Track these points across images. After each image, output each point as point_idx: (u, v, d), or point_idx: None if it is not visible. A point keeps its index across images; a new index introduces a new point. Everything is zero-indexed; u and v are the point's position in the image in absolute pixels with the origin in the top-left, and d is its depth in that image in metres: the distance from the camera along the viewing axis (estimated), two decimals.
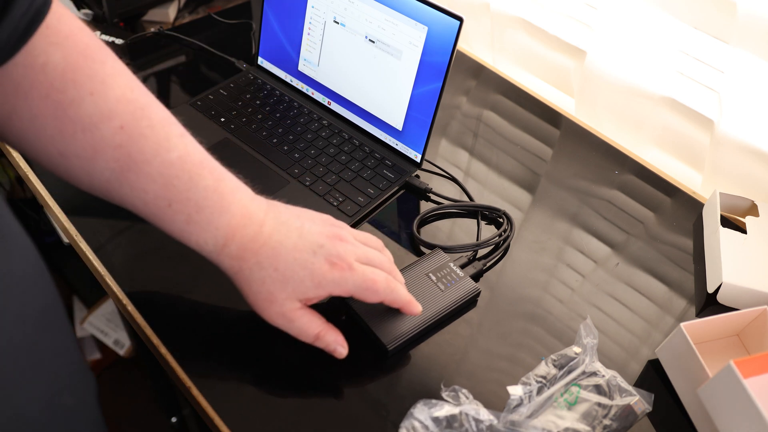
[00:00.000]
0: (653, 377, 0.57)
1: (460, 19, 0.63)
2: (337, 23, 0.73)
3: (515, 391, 0.51)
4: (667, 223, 0.72)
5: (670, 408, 0.55)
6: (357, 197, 0.69)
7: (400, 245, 0.66)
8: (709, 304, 0.63)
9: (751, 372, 0.47)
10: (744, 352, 0.59)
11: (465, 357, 0.57)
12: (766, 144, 0.69)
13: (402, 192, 0.72)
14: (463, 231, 0.68)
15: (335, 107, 0.78)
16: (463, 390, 0.50)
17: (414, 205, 0.71)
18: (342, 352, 0.52)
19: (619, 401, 0.51)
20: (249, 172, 0.69)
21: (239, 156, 0.72)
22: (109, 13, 0.91)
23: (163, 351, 0.54)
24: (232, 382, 0.53)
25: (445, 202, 0.71)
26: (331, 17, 0.73)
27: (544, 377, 0.53)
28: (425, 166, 0.75)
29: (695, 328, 0.55)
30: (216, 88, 0.80)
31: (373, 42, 0.70)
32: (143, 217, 0.49)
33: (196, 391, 0.52)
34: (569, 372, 0.53)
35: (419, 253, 0.65)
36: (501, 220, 0.69)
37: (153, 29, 0.92)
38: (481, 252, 0.65)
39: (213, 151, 0.50)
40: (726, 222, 0.69)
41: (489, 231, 0.68)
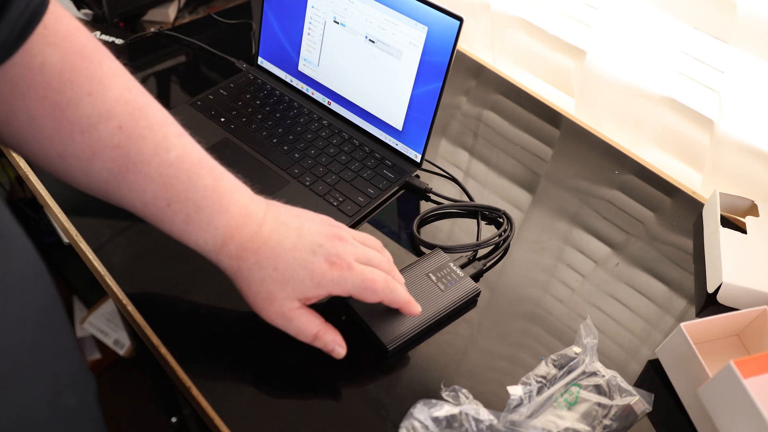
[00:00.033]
0: (653, 377, 0.57)
1: (460, 19, 0.63)
2: (337, 23, 0.73)
3: (515, 391, 0.51)
4: (667, 223, 0.72)
5: (670, 408, 0.55)
6: (357, 197, 0.69)
7: (400, 245, 0.66)
8: (709, 304, 0.63)
9: (751, 372, 0.47)
10: (744, 352, 0.59)
11: (465, 357, 0.57)
12: (766, 144, 0.69)
13: (402, 192, 0.72)
14: (463, 231, 0.68)
15: (335, 107, 0.78)
16: (463, 390, 0.50)
17: (414, 205, 0.71)
18: (340, 352, 0.51)
19: (619, 401, 0.52)
20: (249, 172, 0.69)
21: (239, 156, 0.72)
22: (109, 13, 0.91)
23: (163, 351, 0.54)
24: (232, 382, 0.53)
25: (445, 202, 0.71)
26: (331, 17, 0.73)
27: (544, 377, 0.53)
28: (425, 166, 0.75)
29: (695, 328, 0.55)
30: (216, 88, 0.80)
31: (373, 42, 0.70)
32: (142, 218, 0.49)
33: (196, 391, 0.52)
34: (569, 372, 0.53)
35: (419, 253, 0.65)
36: (501, 220, 0.69)
37: (153, 29, 0.92)
38: (481, 252, 0.65)
39: (213, 151, 0.50)
40: (726, 222, 0.69)
41: (489, 231, 0.68)
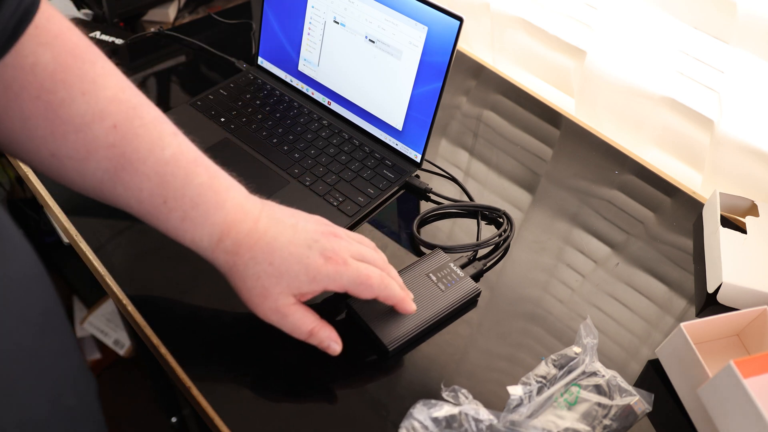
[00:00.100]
0: (653, 377, 0.57)
1: (460, 19, 0.63)
2: (337, 23, 0.73)
3: (515, 391, 0.51)
4: (667, 223, 0.72)
5: (670, 408, 0.55)
6: (357, 197, 0.68)
7: (400, 245, 0.66)
8: (709, 304, 0.63)
9: (751, 372, 0.47)
10: (744, 352, 0.59)
11: (465, 357, 0.57)
12: (766, 144, 0.69)
13: (402, 192, 0.72)
14: (463, 231, 0.68)
15: (335, 107, 0.78)
16: (463, 390, 0.50)
17: (414, 205, 0.71)
18: (336, 348, 0.51)
19: (619, 401, 0.51)
20: (249, 172, 0.70)
21: (239, 156, 0.72)
22: (109, 13, 0.91)
23: (163, 351, 0.54)
24: (232, 382, 0.53)
25: (445, 202, 0.71)
26: (331, 17, 0.73)
27: (544, 377, 0.53)
28: (425, 166, 0.75)
29: (695, 328, 0.55)
30: (216, 88, 0.80)
31: (373, 42, 0.70)
32: (137, 216, 0.48)
33: (196, 391, 0.52)
34: (569, 372, 0.53)
35: (419, 253, 0.65)
36: (501, 220, 0.69)
37: (153, 29, 0.92)
38: (481, 252, 0.65)
39: (213, 151, 0.51)
40: (726, 222, 0.69)
41: (489, 231, 0.68)
